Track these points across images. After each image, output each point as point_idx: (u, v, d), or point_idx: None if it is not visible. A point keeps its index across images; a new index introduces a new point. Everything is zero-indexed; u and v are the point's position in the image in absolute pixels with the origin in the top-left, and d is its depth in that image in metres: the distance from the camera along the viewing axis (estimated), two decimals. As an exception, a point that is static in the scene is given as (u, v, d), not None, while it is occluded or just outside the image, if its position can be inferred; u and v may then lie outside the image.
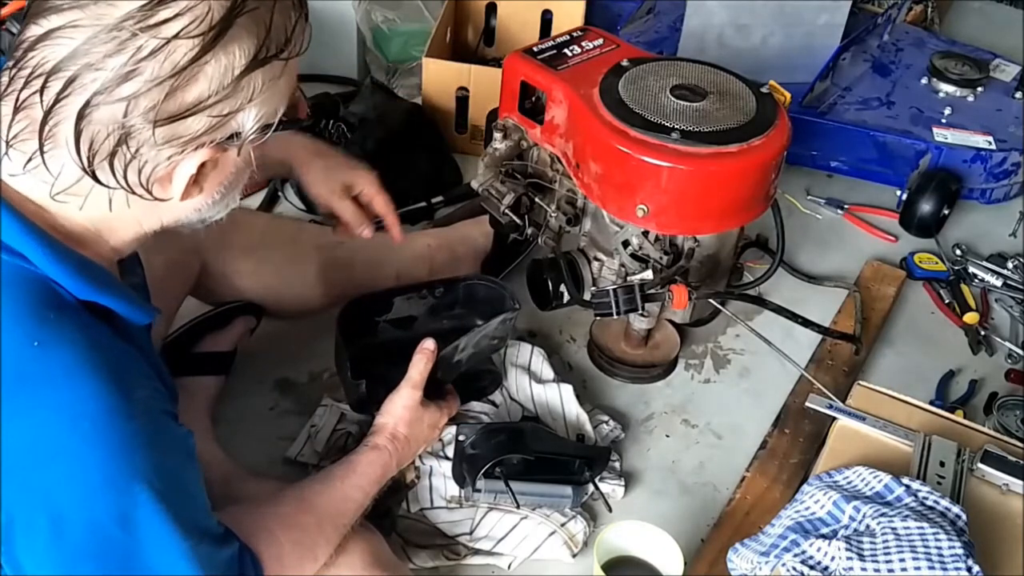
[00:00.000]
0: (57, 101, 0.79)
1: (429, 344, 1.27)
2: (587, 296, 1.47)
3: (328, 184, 1.36)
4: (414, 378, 1.25)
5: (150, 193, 0.84)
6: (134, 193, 0.83)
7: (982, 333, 1.68)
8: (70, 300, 0.84)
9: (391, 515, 1.27)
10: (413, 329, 1.40)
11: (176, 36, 0.78)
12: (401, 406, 1.24)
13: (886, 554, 1.04)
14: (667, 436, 1.48)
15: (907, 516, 1.08)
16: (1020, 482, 1.20)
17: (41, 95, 0.79)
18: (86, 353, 0.82)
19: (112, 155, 0.80)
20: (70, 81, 0.78)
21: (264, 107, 0.85)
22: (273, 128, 0.87)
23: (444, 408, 1.30)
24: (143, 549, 0.83)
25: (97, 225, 0.88)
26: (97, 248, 0.88)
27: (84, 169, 0.81)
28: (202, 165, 0.85)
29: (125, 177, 0.82)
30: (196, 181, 0.86)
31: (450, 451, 1.32)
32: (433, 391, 1.29)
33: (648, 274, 1.39)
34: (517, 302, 1.37)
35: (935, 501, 1.12)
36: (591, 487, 1.33)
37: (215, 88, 0.81)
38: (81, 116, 0.79)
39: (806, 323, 1.49)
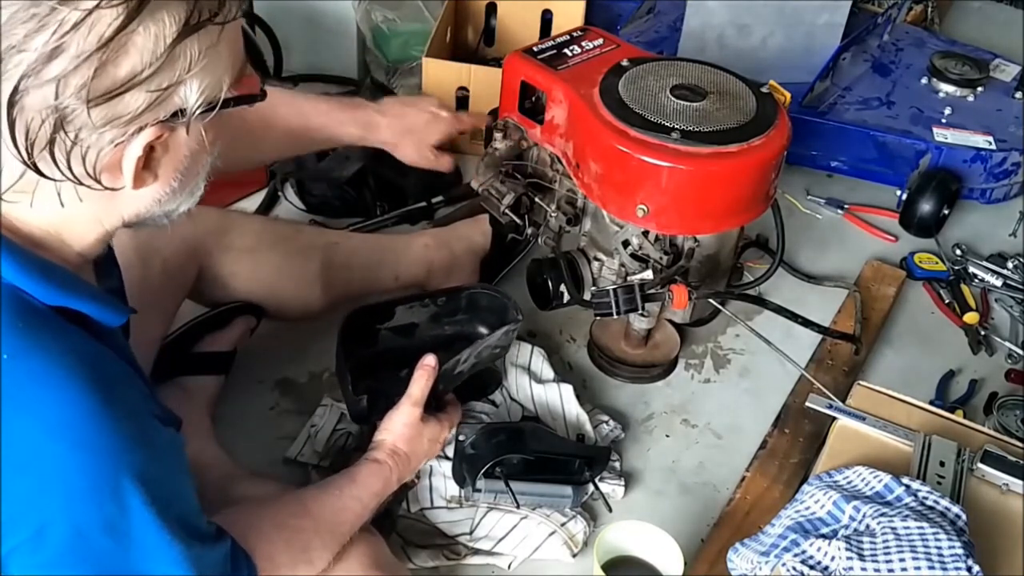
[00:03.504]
0: None
1: (430, 360, 1.25)
2: (587, 296, 1.47)
3: (421, 153, 1.57)
4: (415, 395, 1.24)
5: (99, 183, 0.79)
6: (82, 184, 0.79)
7: (982, 333, 1.68)
8: (39, 307, 0.80)
9: (391, 515, 1.27)
10: (415, 336, 1.40)
11: (98, 6, 0.73)
12: (401, 424, 1.23)
13: (886, 554, 1.04)
14: (667, 436, 1.48)
15: (907, 516, 1.08)
16: (1020, 482, 1.20)
17: None
18: (61, 359, 0.79)
19: (51, 143, 0.76)
20: None
21: (206, 79, 0.80)
22: (221, 104, 0.82)
23: (445, 421, 1.29)
24: (132, 555, 0.82)
25: (56, 227, 0.83)
26: (60, 252, 0.84)
27: (25, 162, 0.76)
28: (151, 149, 0.80)
29: (70, 167, 0.77)
30: (147, 166, 0.81)
31: (450, 451, 1.32)
32: (433, 402, 1.29)
33: (648, 274, 1.39)
34: (520, 312, 1.37)
35: (935, 501, 1.12)
36: (591, 487, 1.33)
37: (148, 60, 0.76)
38: (12, 104, 0.73)
39: (806, 323, 1.49)
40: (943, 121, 1.96)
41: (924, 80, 2.07)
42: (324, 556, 1.06)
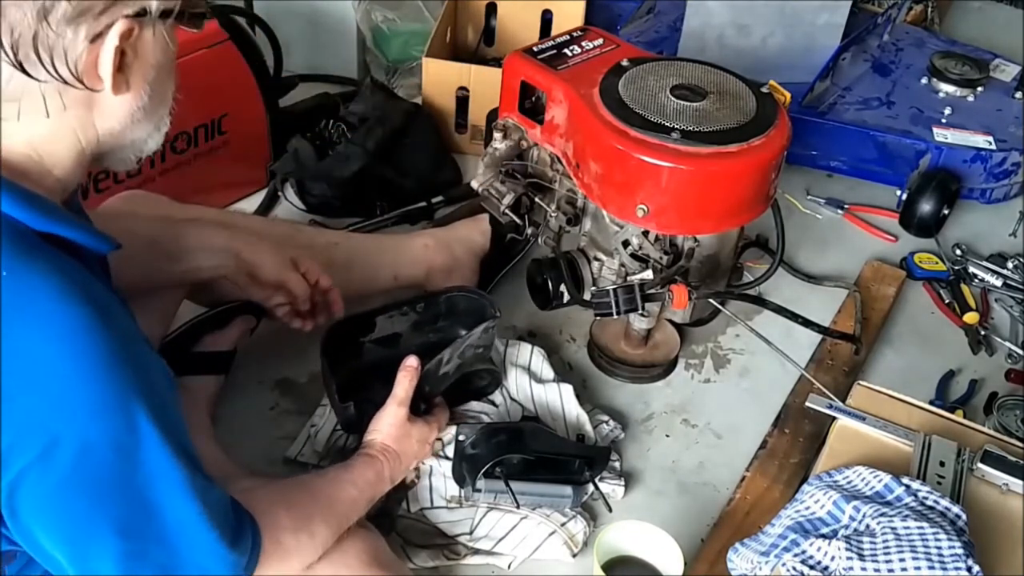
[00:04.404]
0: None
1: (412, 361, 1.27)
2: (587, 296, 1.47)
3: (276, 258, 1.35)
4: (399, 395, 1.25)
5: (82, 83, 0.83)
6: (67, 84, 0.83)
7: (982, 333, 1.68)
8: (29, 232, 0.83)
9: (391, 515, 1.27)
10: (399, 346, 1.39)
11: None
12: (388, 424, 1.24)
13: (886, 554, 1.04)
14: (667, 436, 1.48)
15: (907, 516, 1.08)
16: (1020, 482, 1.20)
17: None
18: (57, 277, 0.81)
19: (35, 39, 0.80)
20: None
21: None
22: (176, 12, 0.87)
23: (432, 423, 1.30)
24: (139, 476, 0.83)
25: (38, 149, 0.86)
26: (42, 180, 0.87)
27: (12, 63, 0.80)
28: (123, 54, 0.84)
29: (54, 66, 0.81)
30: (120, 70, 0.85)
31: (450, 451, 1.32)
32: (422, 405, 1.29)
33: (648, 274, 1.39)
34: (497, 310, 1.37)
35: (935, 501, 1.12)
36: (591, 487, 1.33)
37: None
38: None
39: (806, 323, 1.49)
40: (943, 121, 1.96)
41: (924, 80, 2.07)
42: (324, 531, 1.06)
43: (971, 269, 1.80)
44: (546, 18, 2.06)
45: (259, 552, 0.95)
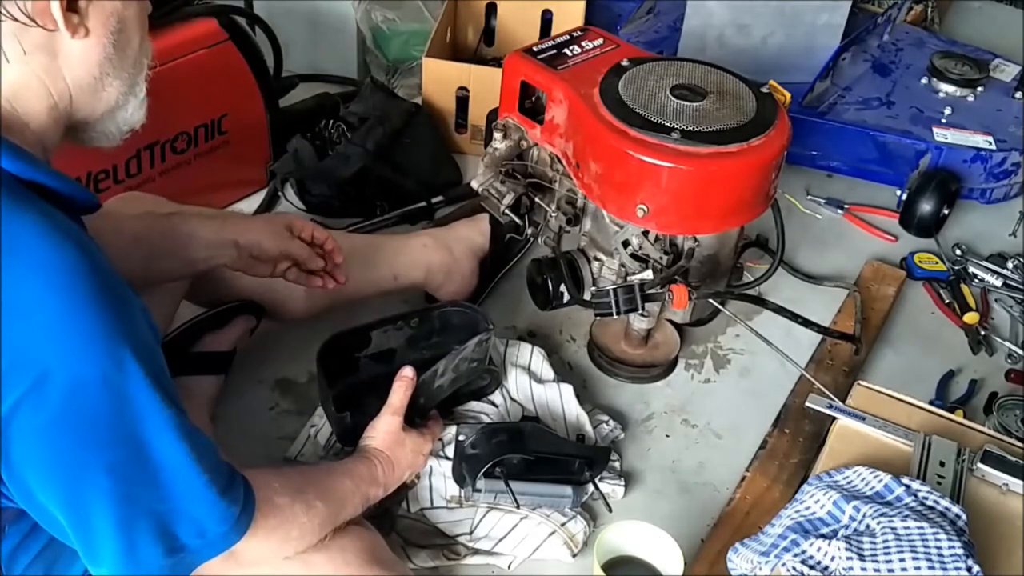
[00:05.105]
0: None
1: (407, 372, 1.27)
2: (587, 296, 1.47)
3: (271, 230, 1.33)
4: (394, 404, 1.25)
5: (33, 21, 0.83)
6: (18, 21, 0.83)
7: (982, 333, 1.68)
8: (14, 180, 0.83)
9: (390, 515, 1.27)
10: (394, 362, 1.39)
11: None
12: (383, 431, 1.24)
13: (886, 554, 1.04)
14: (667, 436, 1.48)
15: (907, 516, 1.08)
16: (1020, 482, 1.20)
17: None
18: (44, 219, 0.82)
19: None
20: None
21: None
22: None
23: (427, 434, 1.30)
24: (128, 413, 0.83)
25: (10, 99, 0.87)
26: (22, 134, 0.88)
27: None
28: None
29: (2, 4, 0.82)
30: (74, 9, 0.85)
31: (450, 451, 1.32)
32: (417, 418, 1.30)
33: (648, 274, 1.39)
34: (491, 323, 1.38)
35: (935, 501, 1.12)
36: (591, 487, 1.33)
37: None
38: None
39: (806, 323, 1.49)
40: (943, 121, 1.96)
41: (924, 80, 2.07)
42: (320, 507, 1.05)
43: (971, 269, 1.80)
44: (546, 18, 2.06)
45: (253, 507, 0.94)
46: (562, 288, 1.46)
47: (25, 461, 0.83)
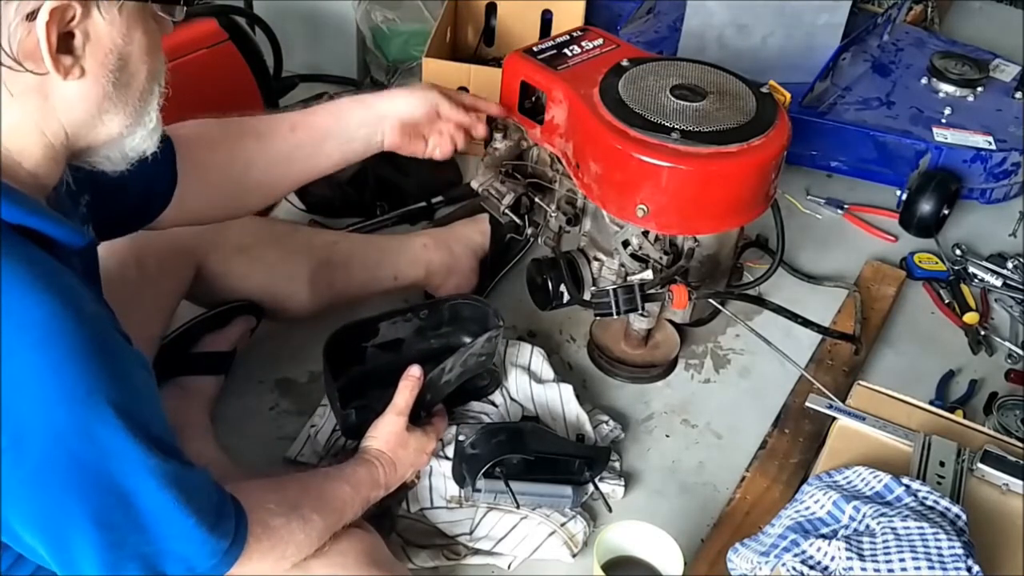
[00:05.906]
0: None
1: (415, 371, 1.26)
2: (587, 296, 1.47)
3: (422, 98, 1.35)
4: (399, 405, 1.25)
5: (22, 66, 0.80)
6: (4, 66, 0.79)
7: (982, 333, 1.68)
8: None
9: (390, 515, 1.27)
10: (401, 352, 1.40)
11: None
12: (386, 432, 1.24)
13: (886, 554, 1.04)
14: (667, 436, 1.48)
15: (907, 516, 1.08)
16: (1020, 482, 1.20)
17: None
18: (23, 267, 0.80)
19: None
20: None
21: None
22: None
23: (431, 432, 1.29)
24: (109, 464, 0.82)
25: (2, 140, 0.84)
26: (14, 174, 0.85)
27: None
28: (70, 36, 0.81)
29: None
30: (68, 51, 0.82)
31: (450, 451, 1.32)
32: (422, 413, 1.29)
33: (648, 274, 1.39)
34: (501, 319, 1.38)
35: (935, 501, 1.12)
36: (591, 487, 1.33)
37: None
38: None
39: (806, 323, 1.49)
40: (943, 121, 1.96)
41: (924, 80, 2.07)
42: (316, 520, 1.04)
43: (971, 269, 1.80)
44: (546, 18, 2.06)
45: (244, 536, 0.94)
46: (562, 288, 1.46)
47: (10, 509, 0.83)
